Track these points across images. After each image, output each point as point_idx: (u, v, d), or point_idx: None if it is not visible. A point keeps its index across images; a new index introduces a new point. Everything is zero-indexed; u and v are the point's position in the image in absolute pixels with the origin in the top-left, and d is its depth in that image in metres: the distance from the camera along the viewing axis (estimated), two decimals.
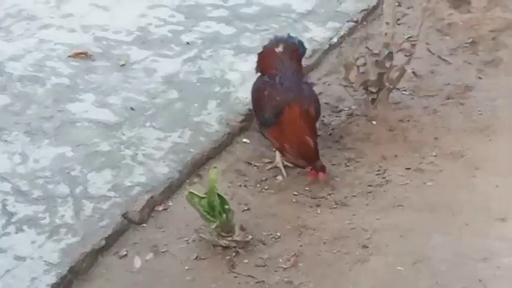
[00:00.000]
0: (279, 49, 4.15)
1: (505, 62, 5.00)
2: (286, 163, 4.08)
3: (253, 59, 4.53)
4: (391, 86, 4.37)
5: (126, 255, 3.56)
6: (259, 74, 4.27)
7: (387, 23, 4.32)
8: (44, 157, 4.05)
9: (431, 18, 5.48)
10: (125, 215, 3.72)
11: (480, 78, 4.85)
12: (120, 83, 4.71)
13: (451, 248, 3.54)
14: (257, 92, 4.15)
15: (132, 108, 4.47)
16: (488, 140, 4.26)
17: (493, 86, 4.76)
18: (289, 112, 3.92)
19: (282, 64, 4.08)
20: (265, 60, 4.22)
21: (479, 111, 4.52)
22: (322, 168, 3.93)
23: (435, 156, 4.16)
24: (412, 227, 3.67)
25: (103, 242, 3.56)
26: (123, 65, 4.89)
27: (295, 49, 4.21)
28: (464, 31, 5.38)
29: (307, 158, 3.94)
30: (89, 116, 4.38)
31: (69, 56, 4.94)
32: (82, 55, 4.95)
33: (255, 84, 4.21)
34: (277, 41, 4.23)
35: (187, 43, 5.16)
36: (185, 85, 4.73)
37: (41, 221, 3.65)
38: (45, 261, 3.43)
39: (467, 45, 5.22)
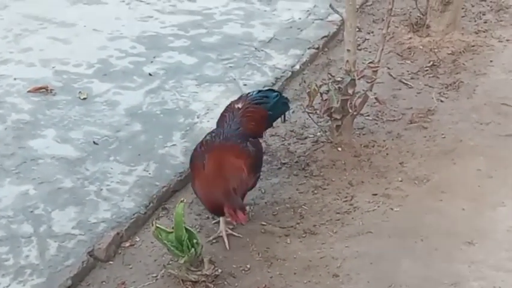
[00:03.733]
0: (238, 105, 4.01)
1: (466, 85, 5.08)
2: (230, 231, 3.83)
3: (217, 88, 4.52)
4: (355, 112, 4.39)
5: None
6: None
7: (348, 51, 4.35)
8: (6, 196, 3.98)
9: (391, 42, 5.56)
10: (90, 253, 3.65)
11: (442, 101, 4.91)
12: (82, 117, 4.66)
13: (421, 273, 3.55)
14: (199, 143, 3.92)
15: (95, 143, 4.42)
16: (453, 164, 4.30)
17: (454, 109, 4.82)
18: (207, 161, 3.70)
19: (232, 119, 3.91)
20: (223, 113, 4.07)
21: (443, 134, 4.56)
22: (242, 208, 3.60)
23: (401, 181, 4.18)
24: (381, 253, 3.68)
25: (69, 282, 3.49)
26: (84, 98, 4.84)
27: (258, 110, 4.02)
28: (424, 55, 5.46)
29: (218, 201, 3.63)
30: (51, 152, 4.31)
31: (29, 91, 4.87)
32: (42, 90, 4.89)
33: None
34: (240, 97, 4.12)
35: (150, 74, 5.13)
36: (149, 117, 4.69)
37: (5, 262, 3.57)
38: None
39: (427, 68, 5.29)
